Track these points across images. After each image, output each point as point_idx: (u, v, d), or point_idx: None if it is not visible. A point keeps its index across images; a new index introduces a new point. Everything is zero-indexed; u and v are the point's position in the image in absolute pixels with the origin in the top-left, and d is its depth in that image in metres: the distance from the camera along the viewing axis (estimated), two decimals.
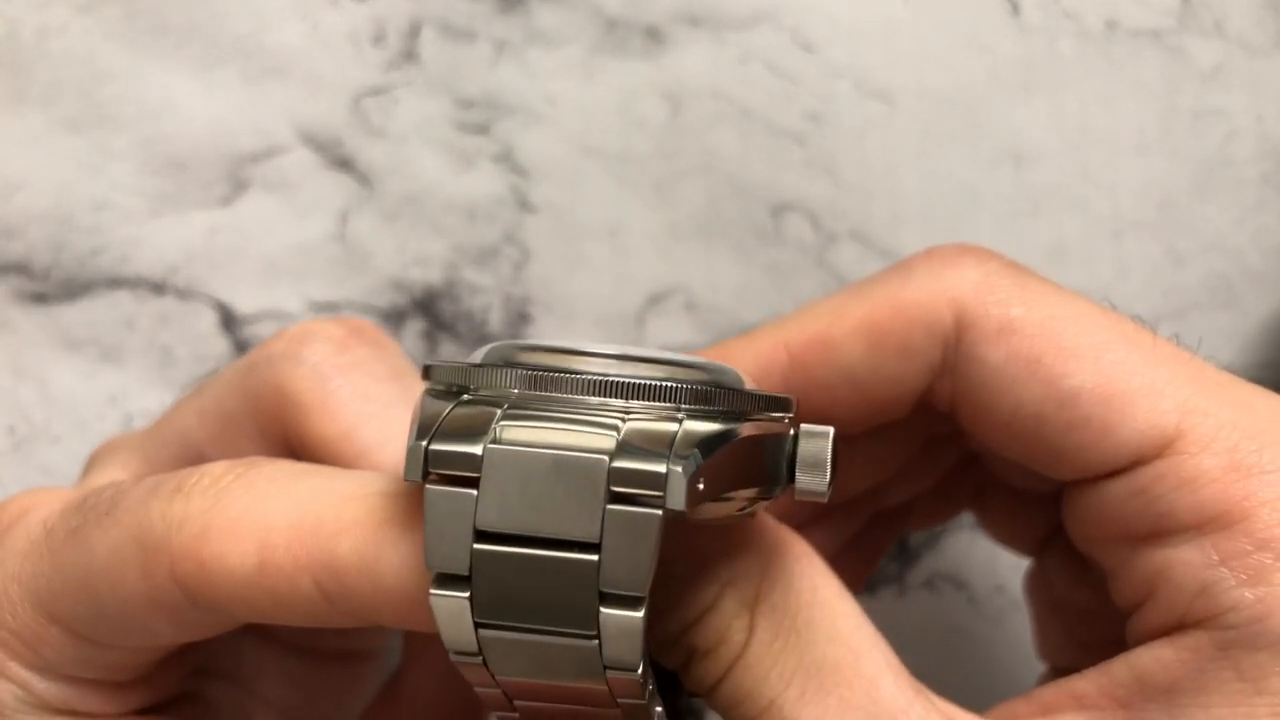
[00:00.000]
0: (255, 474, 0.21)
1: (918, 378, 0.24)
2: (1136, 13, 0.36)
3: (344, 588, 0.20)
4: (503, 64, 0.35)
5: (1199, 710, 0.21)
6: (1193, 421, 0.22)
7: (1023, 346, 0.23)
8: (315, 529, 0.20)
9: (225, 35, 0.35)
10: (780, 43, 0.36)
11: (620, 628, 0.18)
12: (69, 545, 0.22)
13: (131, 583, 0.21)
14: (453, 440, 0.18)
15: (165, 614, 0.21)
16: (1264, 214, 0.36)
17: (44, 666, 0.23)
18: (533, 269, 0.36)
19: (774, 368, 0.25)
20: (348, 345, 0.26)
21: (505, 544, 0.18)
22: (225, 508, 0.21)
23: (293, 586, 0.20)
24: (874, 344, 0.24)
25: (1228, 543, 0.21)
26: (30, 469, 0.35)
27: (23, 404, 0.35)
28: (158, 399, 0.35)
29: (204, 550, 0.20)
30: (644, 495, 0.18)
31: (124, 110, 0.35)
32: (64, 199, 0.35)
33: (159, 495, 0.21)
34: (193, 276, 0.35)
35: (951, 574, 0.36)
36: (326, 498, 0.20)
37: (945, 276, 0.24)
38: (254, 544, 0.20)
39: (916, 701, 0.21)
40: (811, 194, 0.35)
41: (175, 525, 0.20)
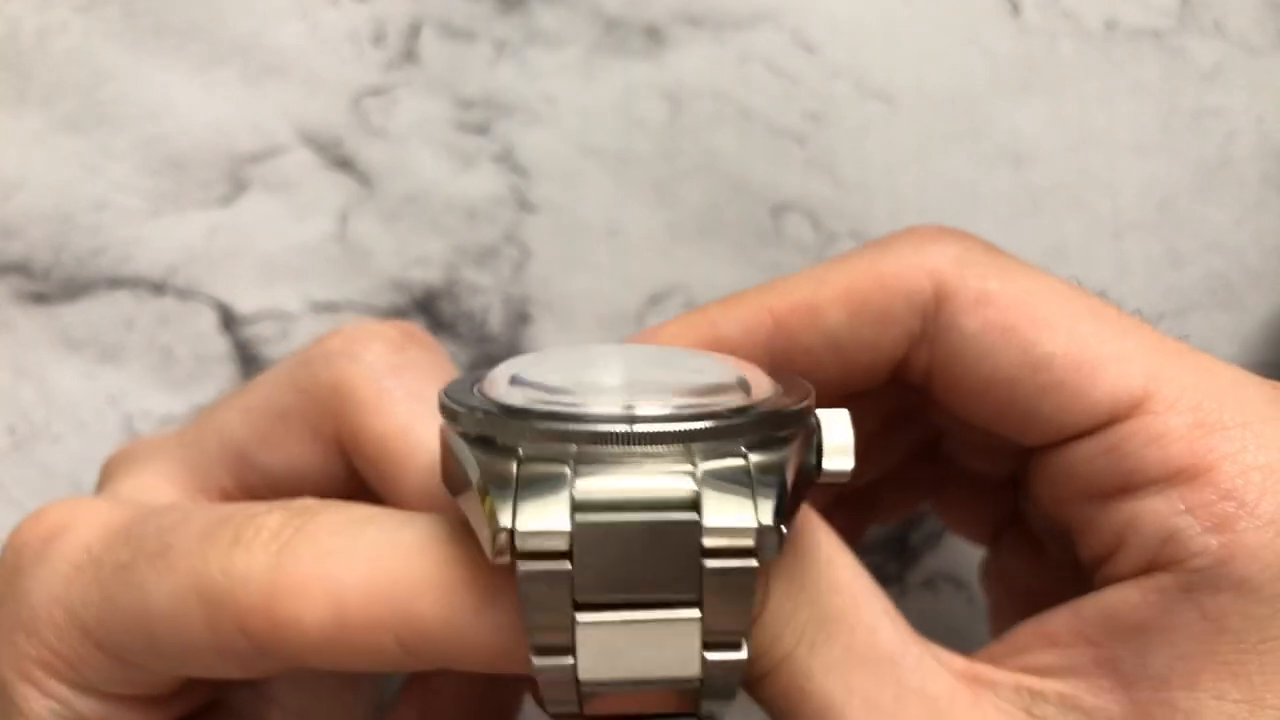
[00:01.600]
0: (315, 526, 0.21)
1: (896, 345, 0.25)
2: (1136, 13, 0.36)
3: (429, 644, 0.20)
4: (503, 64, 0.35)
5: (1166, 648, 0.22)
6: (1159, 384, 0.23)
7: (999, 316, 0.24)
8: (391, 588, 0.20)
9: (225, 35, 0.35)
10: (780, 43, 0.36)
11: (724, 668, 0.19)
12: (120, 582, 0.22)
13: (195, 632, 0.21)
14: (536, 517, 0.18)
15: (231, 660, 0.21)
16: (1264, 214, 0.36)
17: (84, 685, 0.23)
18: (533, 269, 0.36)
19: (758, 330, 0.25)
20: (403, 346, 0.26)
21: (605, 611, 0.19)
22: (291, 565, 0.21)
23: (374, 643, 0.20)
24: (856, 311, 0.25)
25: (1193, 493, 0.22)
26: (30, 469, 0.35)
27: (22, 404, 0.35)
28: (158, 399, 0.35)
29: (276, 610, 0.20)
30: (739, 549, 0.18)
31: (124, 110, 0.35)
32: (64, 199, 0.35)
33: (216, 545, 0.21)
34: (193, 276, 0.35)
35: (951, 574, 0.36)
36: (395, 552, 0.21)
37: (926, 250, 0.25)
38: (329, 604, 0.20)
39: (912, 645, 0.23)
40: (811, 194, 0.35)
41: (240, 582, 0.21)
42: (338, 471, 0.26)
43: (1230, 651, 0.21)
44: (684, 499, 0.18)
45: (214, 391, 0.35)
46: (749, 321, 0.25)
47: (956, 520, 0.33)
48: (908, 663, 0.22)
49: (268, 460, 0.26)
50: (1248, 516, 0.22)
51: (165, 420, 0.35)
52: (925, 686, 0.22)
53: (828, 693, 0.22)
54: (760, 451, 0.19)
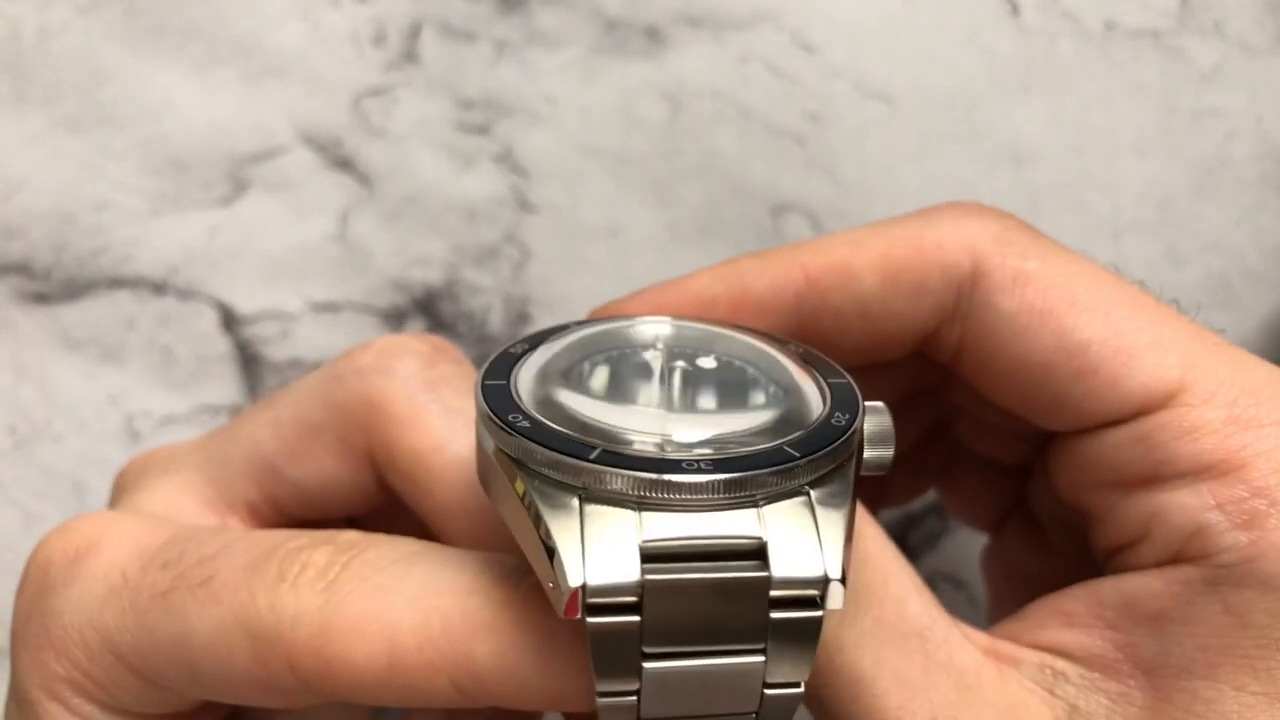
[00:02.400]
0: (361, 563, 0.21)
1: (927, 318, 0.25)
2: (1136, 13, 0.36)
3: (484, 688, 0.20)
4: (503, 64, 0.36)
5: (1187, 638, 0.22)
6: (1195, 376, 0.23)
7: (1036, 298, 0.24)
8: (445, 631, 0.20)
9: (226, 35, 0.35)
10: (780, 43, 0.36)
11: (782, 702, 0.19)
12: (160, 611, 0.22)
13: (242, 667, 0.21)
14: (605, 571, 0.18)
15: (276, 694, 0.21)
16: (1263, 214, 0.36)
17: (113, 706, 0.23)
18: (533, 269, 0.36)
19: (789, 287, 0.25)
20: (435, 361, 0.26)
21: (671, 659, 0.18)
22: (341, 605, 0.20)
23: (428, 685, 0.20)
24: (890, 279, 0.25)
25: (1224, 489, 0.22)
26: (31, 469, 0.35)
27: (23, 404, 0.35)
28: (158, 399, 0.35)
29: (326, 650, 0.20)
30: (805, 598, 0.18)
31: (125, 110, 0.35)
32: (65, 199, 0.35)
33: (262, 579, 0.21)
34: (193, 277, 0.35)
35: (951, 574, 0.36)
36: (448, 592, 0.20)
37: (967, 225, 0.25)
38: (382, 646, 0.20)
39: (940, 618, 0.23)
40: (811, 194, 0.35)
41: (288, 621, 0.20)
42: (368, 485, 0.26)
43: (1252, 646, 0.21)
44: (751, 548, 0.18)
45: (215, 391, 0.35)
46: (780, 277, 0.25)
47: (961, 505, 0.33)
48: (936, 636, 0.22)
49: (297, 473, 0.26)
50: (1278, 515, 0.21)
51: (165, 420, 0.35)
52: (953, 660, 0.22)
53: (857, 665, 0.22)
54: (822, 486, 0.19)
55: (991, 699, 0.22)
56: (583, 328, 0.23)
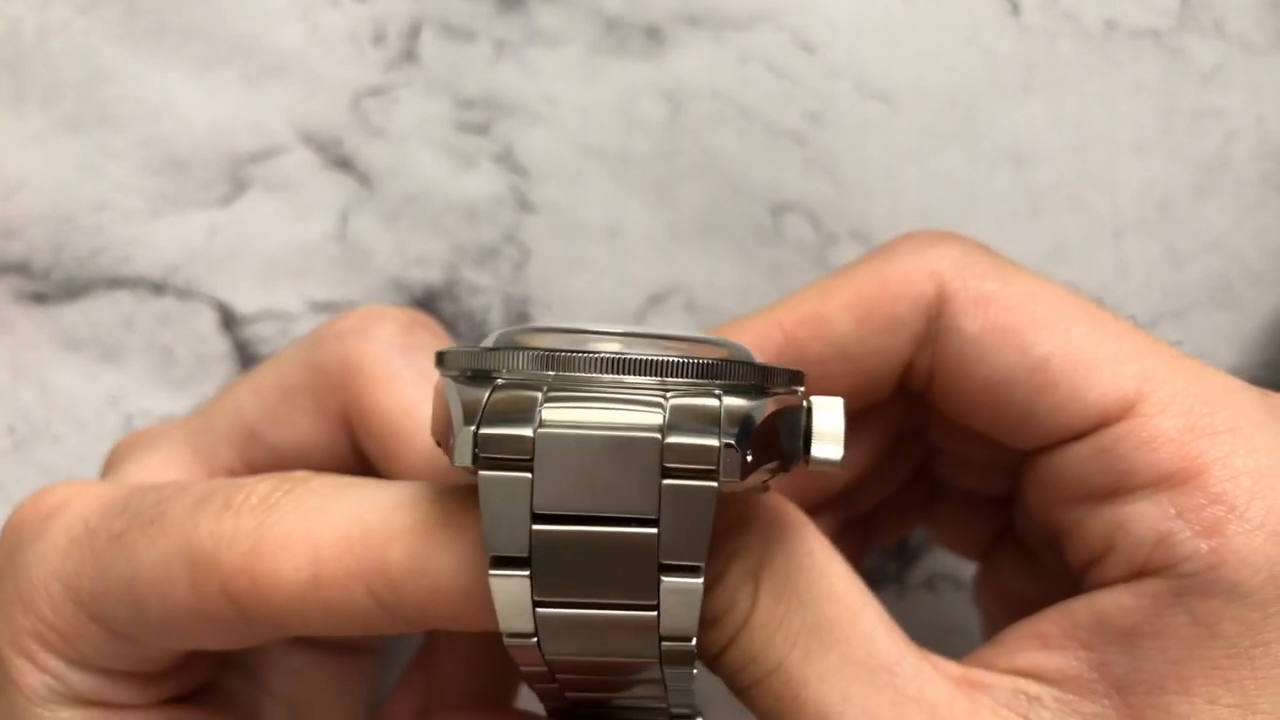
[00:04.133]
0: (303, 489, 0.22)
1: (903, 348, 0.25)
2: (1136, 13, 0.36)
3: (398, 594, 0.20)
4: (503, 64, 0.35)
5: (1157, 652, 0.22)
6: (1152, 387, 0.23)
7: (998, 317, 0.24)
8: (364, 538, 0.20)
9: (225, 35, 0.35)
10: (780, 43, 0.36)
11: (681, 596, 0.19)
12: (113, 550, 0.22)
13: (180, 596, 0.21)
14: (501, 424, 0.18)
15: (214, 626, 0.22)
16: (1264, 214, 0.36)
17: (79, 660, 0.23)
18: (533, 269, 0.36)
19: (770, 345, 0.26)
20: (414, 329, 0.26)
21: (563, 524, 0.18)
22: (275, 524, 0.21)
23: (347, 597, 0.20)
24: (862, 317, 0.25)
25: (1184, 498, 0.22)
26: (30, 469, 0.35)
27: (23, 404, 0.35)
28: (158, 399, 0.35)
29: (256, 567, 0.21)
30: (698, 470, 0.18)
31: (124, 110, 0.35)
32: (64, 199, 0.35)
33: (206, 510, 0.21)
34: (193, 276, 0.35)
35: (951, 574, 0.36)
36: (374, 508, 0.21)
37: (927, 254, 0.25)
38: (306, 558, 0.20)
39: (909, 653, 0.23)
40: (811, 194, 0.35)
41: (225, 542, 0.21)
42: (342, 450, 0.27)
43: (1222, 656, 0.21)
44: (650, 423, 0.18)
45: (214, 391, 0.35)
46: (759, 337, 0.26)
47: (948, 537, 0.33)
48: (905, 671, 0.22)
49: (274, 437, 0.26)
50: (1237, 521, 0.22)
51: (165, 420, 0.35)
52: (924, 694, 0.22)
53: (823, 700, 0.22)
54: (735, 396, 0.19)
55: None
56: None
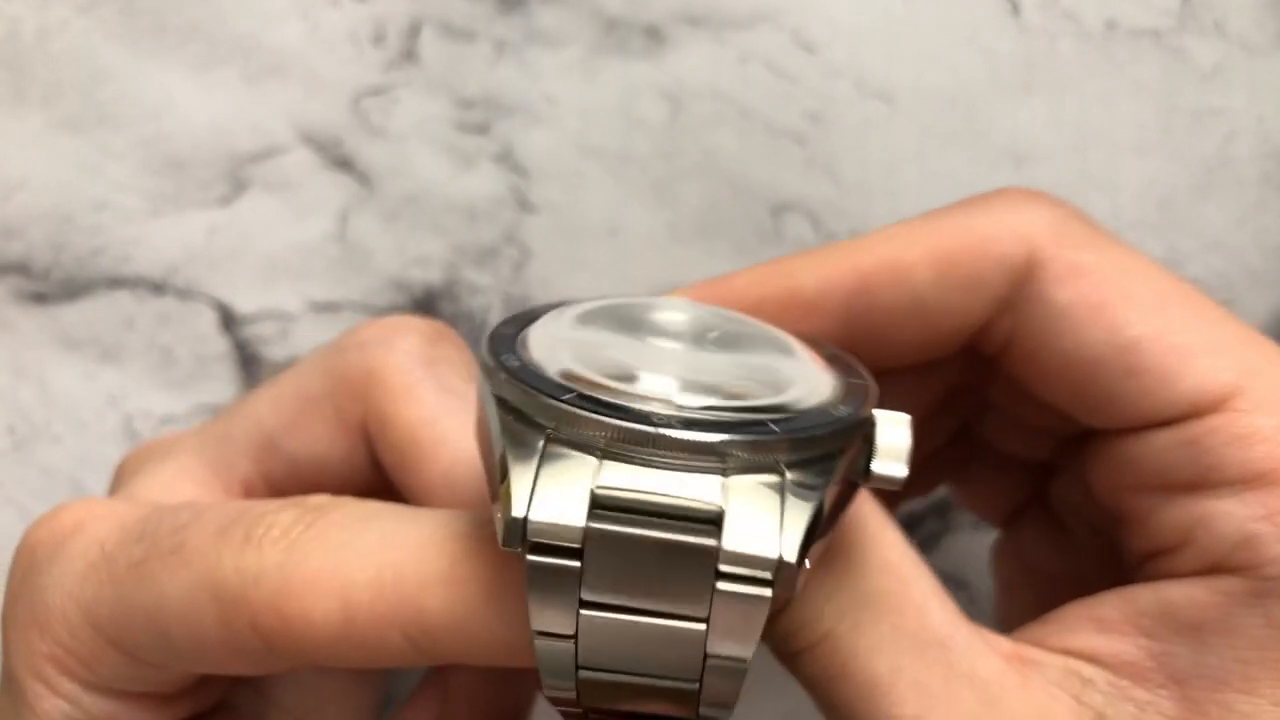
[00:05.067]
0: (325, 523, 0.21)
1: (982, 310, 0.24)
2: (1136, 13, 0.36)
3: (434, 641, 0.20)
4: (503, 64, 0.35)
5: (1226, 649, 0.21)
6: (1250, 381, 0.22)
7: (1091, 291, 0.23)
8: (397, 583, 0.20)
9: (225, 35, 0.35)
10: (780, 43, 0.36)
11: (723, 682, 0.19)
12: (133, 579, 0.22)
13: (207, 629, 0.21)
14: (551, 510, 0.18)
15: (242, 658, 0.22)
16: (1264, 214, 0.36)
17: (96, 683, 0.23)
18: (533, 269, 0.36)
19: (839, 287, 0.24)
20: (437, 341, 0.26)
21: (611, 611, 0.18)
22: (301, 562, 0.21)
23: (381, 640, 0.20)
24: (944, 272, 0.24)
25: (1275, 499, 0.21)
26: (30, 469, 0.35)
27: (22, 404, 0.35)
28: (158, 399, 0.35)
29: (285, 607, 0.20)
30: (754, 577, 0.18)
31: (124, 110, 0.35)
32: (64, 199, 0.35)
33: (228, 543, 0.21)
34: (192, 276, 0.35)
35: (951, 574, 0.36)
36: (403, 547, 0.20)
37: (1022, 214, 0.24)
38: (337, 601, 0.20)
39: (961, 627, 0.22)
40: (811, 194, 0.35)
41: (251, 580, 0.21)
42: (360, 462, 0.26)
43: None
44: (707, 512, 0.18)
45: (214, 391, 0.35)
46: (831, 277, 0.24)
47: (975, 499, 0.32)
48: (957, 645, 0.22)
49: (292, 447, 0.26)
50: None
51: (165, 420, 0.35)
52: (976, 670, 0.22)
53: (873, 672, 0.21)
54: (800, 470, 0.18)
55: (1015, 710, 0.22)
56: (609, 298, 0.23)
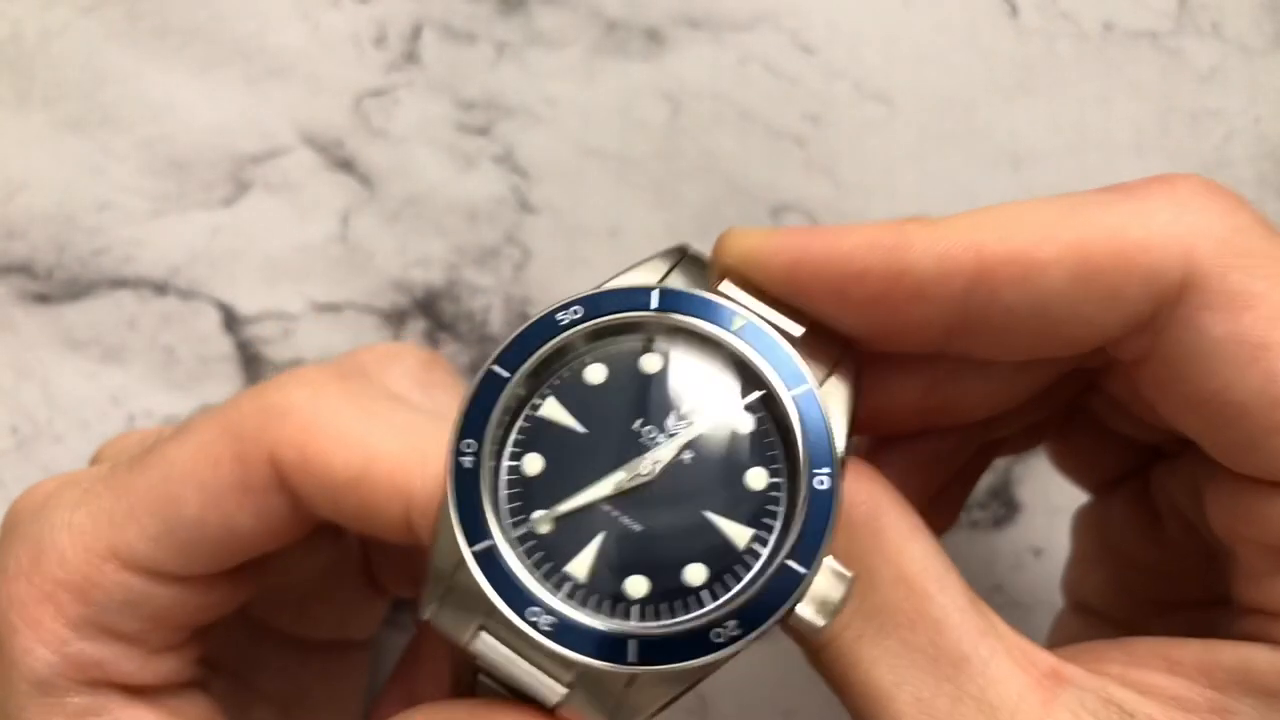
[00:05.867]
0: (354, 385, 0.22)
1: (1117, 328, 0.21)
2: (1134, 14, 0.36)
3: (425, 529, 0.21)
4: (503, 65, 0.36)
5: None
6: None
7: (1254, 328, 0.20)
8: (422, 464, 0.21)
9: (227, 37, 0.35)
10: (780, 44, 0.36)
11: None
12: (137, 471, 0.23)
13: (223, 472, 0.22)
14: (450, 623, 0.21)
15: (252, 502, 0.22)
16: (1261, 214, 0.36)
17: (87, 619, 0.23)
18: (533, 269, 0.36)
19: (958, 275, 0.21)
20: (431, 367, 0.27)
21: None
22: (329, 410, 0.22)
23: (386, 506, 0.21)
24: (1082, 279, 0.20)
25: None
26: (33, 469, 0.35)
27: (25, 404, 0.35)
28: (160, 399, 0.35)
29: (309, 445, 0.21)
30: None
31: (126, 111, 0.35)
32: (67, 199, 0.35)
33: (247, 395, 0.22)
34: (195, 277, 0.35)
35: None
36: (431, 439, 0.22)
37: (1185, 221, 0.20)
38: (360, 456, 0.21)
39: (983, 643, 0.21)
40: (811, 194, 0.36)
41: (277, 414, 0.22)
42: None
43: None
44: (550, 698, 0.21)
45: (216, 391, 0.35)
46: (950, 260, 0.21)
47: (1071, 465, 0.30)
48: (973, 665, 0.21)
49: None
50: None
51: (167, 420, 0.35)
52: (986, 694, 0.21)
53: (877, 684, 0.21)
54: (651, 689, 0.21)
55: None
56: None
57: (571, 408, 0.22)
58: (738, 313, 0.22)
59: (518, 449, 0.22)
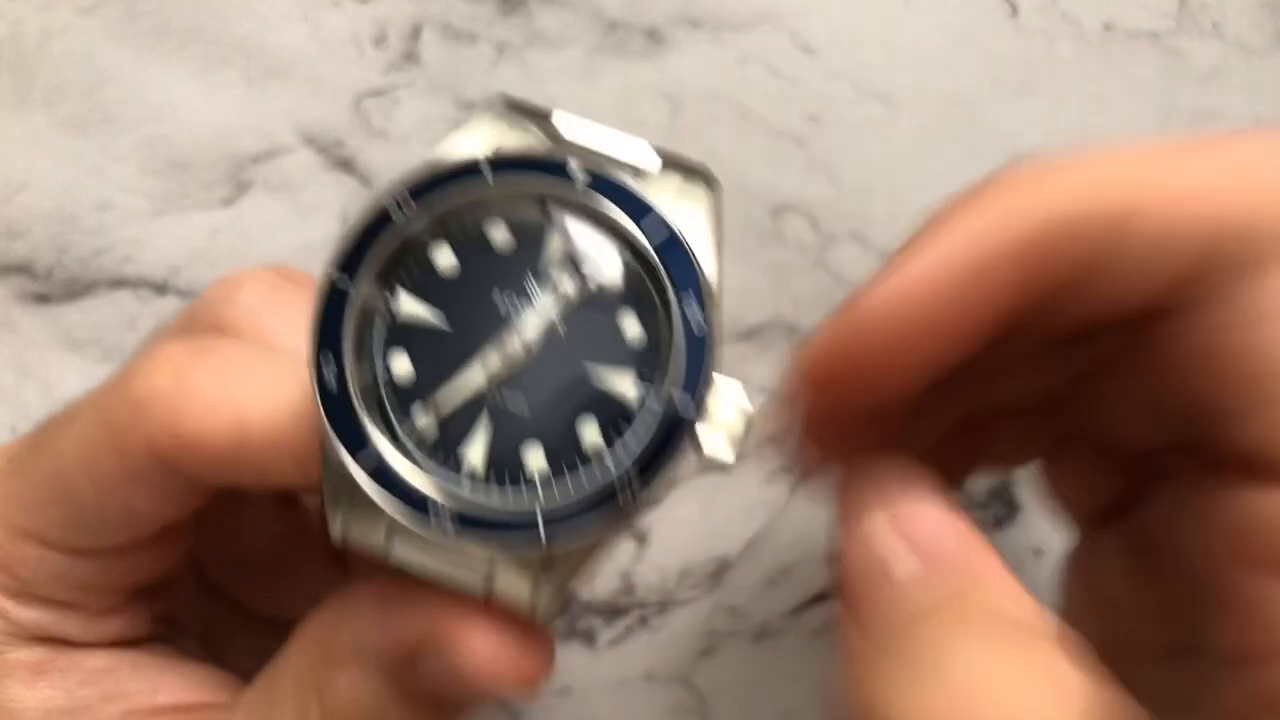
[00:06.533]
0: (209, 350, 0.23)
1: (1148, 291, 0.19)
2: (1134, 14, 0.36)
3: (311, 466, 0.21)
4: (503, 65, 0.36)
5: None
6: None
7: None
8: (290, 406, 0.22)
9: (227, 36, 0.35)
10: (780, 44, 0.36)
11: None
12: (33, 458, 0.23)
13: (107, 466, 0.22)
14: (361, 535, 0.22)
15: (143, 487, 0.22)
16: None
17: (21, 590, 0.24)
18: None
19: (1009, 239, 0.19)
20: (280, 286, 0.26)
21: None
22: (189, 386, 0.22)
23: (275, 459, 0.22)
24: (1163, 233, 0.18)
25: None
26: None
27: (25, 404, 0.35)
28: None
29: (179, 427, 0.22)
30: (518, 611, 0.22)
31: (126, 111, 0.35)
32: (67, 199, 0.35)
33: (117, 385, 0.22)
34: (195, 277, 0.35)
35: None
36: (294, 372, 0.22)
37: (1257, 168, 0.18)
38: (231, 423, 0.21)
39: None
40: (811, 194, 0.36)
41: (143, 406, 0.22)
42: None
43: None
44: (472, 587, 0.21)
45: None
46: (998, 223, 0.19)
47: (1062, 489, 0.28)
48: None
49: None
50: None
51: None
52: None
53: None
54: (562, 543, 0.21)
55: None
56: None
57: (426, 297, 0.21)
58: (575, 168, 0.21)
59: (380, 351, 0.21)
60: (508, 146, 0.22)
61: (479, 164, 0.21)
